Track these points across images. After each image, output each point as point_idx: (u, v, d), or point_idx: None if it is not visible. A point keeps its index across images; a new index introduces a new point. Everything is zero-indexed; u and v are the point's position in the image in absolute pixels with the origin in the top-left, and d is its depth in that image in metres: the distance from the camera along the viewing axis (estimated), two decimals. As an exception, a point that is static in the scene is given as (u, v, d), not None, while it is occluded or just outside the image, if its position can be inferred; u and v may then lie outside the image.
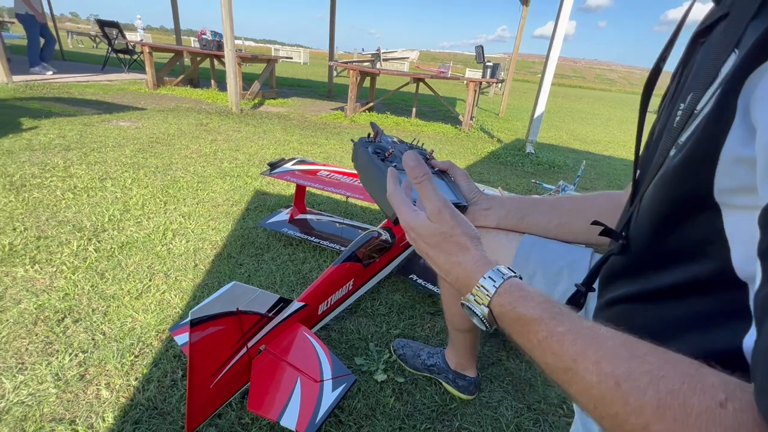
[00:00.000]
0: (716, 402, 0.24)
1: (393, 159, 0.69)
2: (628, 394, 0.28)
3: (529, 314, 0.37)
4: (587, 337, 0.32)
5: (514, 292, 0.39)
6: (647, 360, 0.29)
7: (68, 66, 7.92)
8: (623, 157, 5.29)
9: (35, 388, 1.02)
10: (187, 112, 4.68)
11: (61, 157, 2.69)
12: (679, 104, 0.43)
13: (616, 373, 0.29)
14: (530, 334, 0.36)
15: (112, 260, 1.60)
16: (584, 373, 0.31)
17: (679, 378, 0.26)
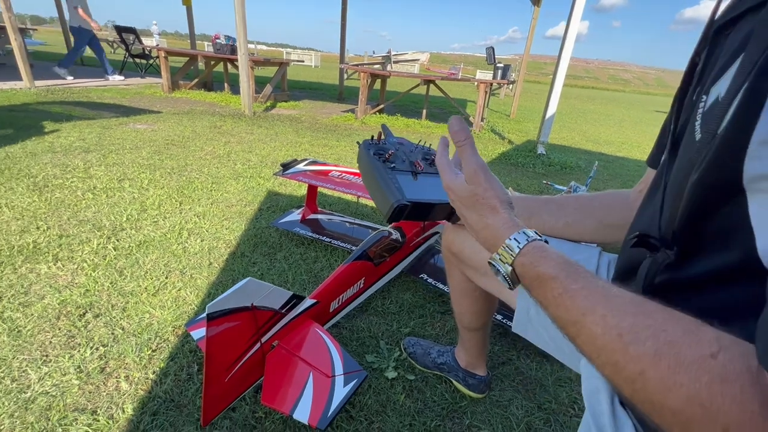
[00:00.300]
0: (708, 353, 0.26)
1: (393, 160, 0.70)
2: (629, 344, 0.30)
3: (548, 272, 0.39)
4: (599, 295, 0.35)
5: (536, 252, 0.42)
6: (652, 316, 0.31)
7: (88, 71, 8.15)
8: (637, 158, 5.21)
9: (59, 380, 1.06)
10: (202, 115, 4.78)
11: (81, 158, 2.77)
12: (702, 97, 0.43)
13: (620, 326, 0.31)
14: (547, 291, 0.39)
15: (130, 258, 1.65)
16: (591, 325, 0.33)
17: (678, 332, 0.28)
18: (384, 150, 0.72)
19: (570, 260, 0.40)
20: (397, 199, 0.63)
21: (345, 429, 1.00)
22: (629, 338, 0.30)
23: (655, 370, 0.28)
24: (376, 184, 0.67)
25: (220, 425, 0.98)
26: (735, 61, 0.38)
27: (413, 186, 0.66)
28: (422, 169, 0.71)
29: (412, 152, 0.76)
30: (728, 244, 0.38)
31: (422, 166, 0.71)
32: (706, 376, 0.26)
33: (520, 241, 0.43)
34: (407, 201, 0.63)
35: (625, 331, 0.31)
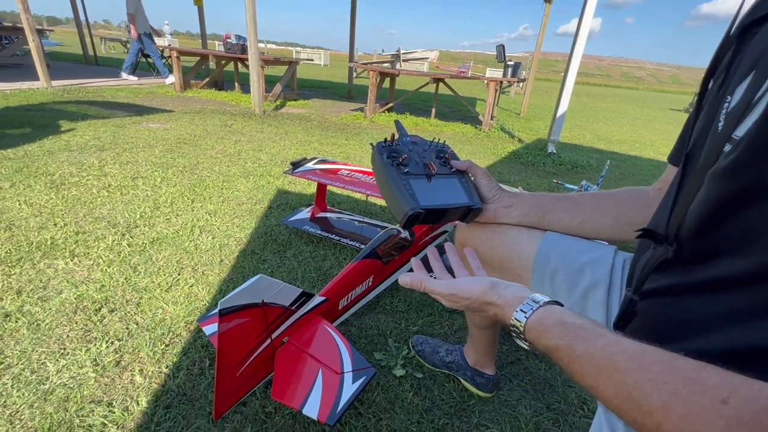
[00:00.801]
0: (719, 399, 0.27)
1: (407, 164, 0.71)
2: (639, 400, 0.31)
3: (551, 345, 0.42)
4: (600, 357, 0.36)
5: (538, 326, 0.45)
6: (651, 369, 0.32)
7: (102, 71, 8.30)
8: (650, 157, 5.12)
9: (76, 372, 1.09)
10: (213, 114, 4.83)
11: (96, 157, 2.83)
12: (727, 97, 0.43)
13: (626, 384, 0.32)
14: (557, 361, 0.41)
15: (143, 255, 1.68)
16: (604, 388, 0.35)
17: (680, 382, 0.29)
18: (397, 153, 0.72)
19: (569, 322, 0.42)
20: (412, 207, 0.64)
21: (353, 425, 1.01)
22: (636, 395, 0.31)
23: (669, 423, 0.29)
24: (390, 191, 0.68)
25: (231, 419, 1.00)
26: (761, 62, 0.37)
27: (427, 190, 0.67)
28: (436, 171, 0.71)
29: (426, 152, 0.76)
30: (747, 249, 0.37)
31: (436, 168, 0.71)
32: (722, 422, 0.26)
33: (520, 320, 0.46)
34: (421, 208, 0.64)
35: (632, 389, 0.32)
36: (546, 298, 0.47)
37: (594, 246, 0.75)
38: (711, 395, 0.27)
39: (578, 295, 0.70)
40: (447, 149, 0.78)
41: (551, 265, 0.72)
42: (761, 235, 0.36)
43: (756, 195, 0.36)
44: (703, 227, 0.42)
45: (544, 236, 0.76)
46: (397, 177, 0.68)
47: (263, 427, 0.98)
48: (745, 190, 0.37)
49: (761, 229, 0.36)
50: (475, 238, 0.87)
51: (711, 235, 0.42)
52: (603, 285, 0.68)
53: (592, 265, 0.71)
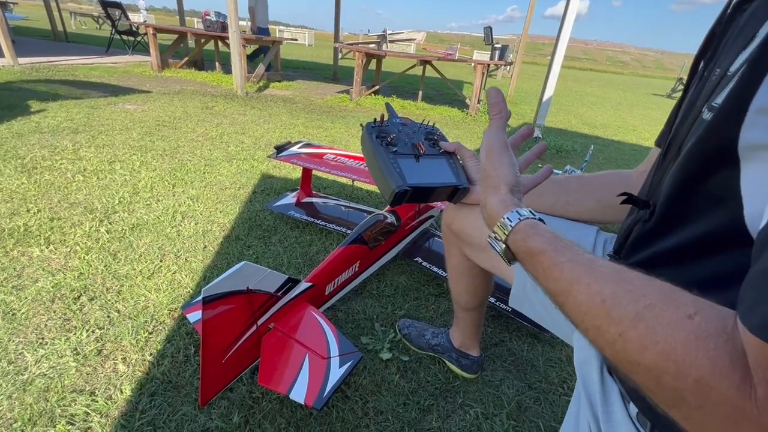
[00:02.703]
0: (685, 314, 0.28)
1: (396, 143, 0.70)
2: (611, 308, 0.32)
3: (537, 247, 0.41)
4: (584, 266, 0.37)
5: (528, 230, 0.44)
6: (633, 282, 0.33)
7: (72, 48, 7.88)
8: (633, 141, 5.21)
9: (56, 362, 1.07)
10: (193, 95, 4.67)
11: (69, 139, 2.71)
12: (715, 70, 0.43)
13: (602, 293, 0.33)
14: (537, 264, 0.41)
15: (123, 241, 1.64)
16: (576, 294, 0.35)
17: (657, 296, 0.31)
18: (386, 133, 0.72)
19: (559, 236, 0.42)
20: (399, 184, 0.64)
21: (341, 408, 1.03)
22: (611, 303, 0.32)
23: (634, 331, 0.30)
24: (378, 169, 0.68)
25: (217, 405, 1.00)
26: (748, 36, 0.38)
27: (415, 169, 0.67)
28: (424, 151, 0.71)
29: (415, 133, 0.76)
30: (715, 211, 0.39)
31: (424, 148, 0.71)
32: (682, 334, 0.28)
33: (512, 219, 0.45)
34: (408, 186, 0.64)
35: (607, 297, 0.33)
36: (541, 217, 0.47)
37: (577, 226, 0.77)
38: (681, 310, 0.29)
39: None
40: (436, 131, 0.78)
41: None
42: (727, 198, 0.37)
43: (723, 159, 0.37)
44: (676, 194, 0.44)
45: None
46: (385, 156, 0.67)
47: (251, 412, 0.99)
48: (715, 153, 0.38)
49: (727, 192, 0.37)
50: (462, 219, 0.88)
51: (688, 199, 0.43)
52: None
53: None
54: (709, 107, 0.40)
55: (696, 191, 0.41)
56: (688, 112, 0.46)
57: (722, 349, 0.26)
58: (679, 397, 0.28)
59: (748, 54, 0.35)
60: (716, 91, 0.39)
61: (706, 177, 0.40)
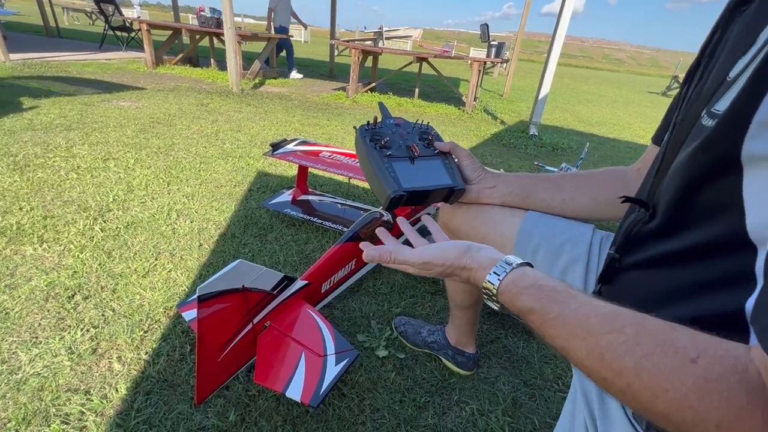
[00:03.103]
0: (688, 359, 0.28)
1: (390, 146, 0.70)
2: (611, 362, 0.32)
3: (525, 307, 0.42)
4: (574, 319, 0.37)
5: (512, 288, 0.44)
6: (624, 331, 0.33)
7: (65, 44, 7.79)
8: (628, 139, 5.24)
9: (50, 361, 1.06)
10: (188, 92, 4.63)
11: (63, 137, 2.68)
12: (714, 72, 0.43)
13: (600, 346, 0.33)
14: (530, 322, 0.41)
15: (118, 239, 1.63)
16: (576, 350, 0.35)
17: (653, 343, 0.30)
18: (380, 135, 0.71)
19: (543, 284, 0.42)
20: (394, 189, 0.64)
21: (337, 406, 1.03)
22: (610, 357, 0.32)
23: (639, 382, 0.30)
24: (373, 174, 0.67)
25: (214, 404, 1.00)
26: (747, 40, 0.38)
27: (410, 172, 0.67)
28: (419, 153, 0.71)
29: (410, 133, 0.75)
30: (718, 218, 0.39)
31: (419, 150, 0.71)
32: (690, 379, 0.27)
33: (493, 281, 0.46)
34: (403, 190, 0.64)
35: (605, 351, 0.33)
36: (519, 260, 0.47)
37: (573, 225, 0.77)
38: (681, 355, 0.29)
39: (558, 272, 0.72)
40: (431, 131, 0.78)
41: (533, 242, 0.74)
42: (729, 205, 0.37)
43: (726, 167, 0.37)
44: (678, 199, 0.44)
45: (526, 215, 0.77)
46: (379, 160, 0.67)
47: (247, 411, 0.99)
48: (718, 161, 0.38)
49: (729, 200, 0.37)
50: (459, 218, 0.88)
51: (684, 207, 0.43)
52: (581, 261, 0.70)
53: (571, 242, 0.72)
54: (710, 113, 0.40)
55: (698, 197, 0.41)
56: (687, 114, 0.46)
57: (736, 389, 0.26)
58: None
59: (748, 59, 0.35)
60: (716, 96, 0.39)
61: (709, 184, 0.40)
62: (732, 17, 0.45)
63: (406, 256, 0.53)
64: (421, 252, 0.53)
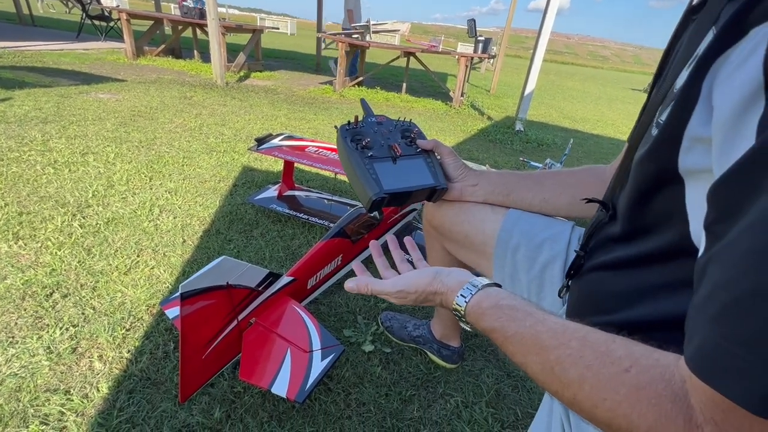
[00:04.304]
0: (622, 368, 0.30)
1: (371, 146, 0.70)
2: (560, 375, 0.34)
3: (488, 327, 0.44)
4: (528, 337, 0.39)
5: (475, 312, 0.46)
6: (570, 345, 0.35)
7: (40, 33, 7.49)
8: (611, 135, 5.34)
9: (27, 361, 1.03)
10: (170, 85, 4.52)
11: (38, 130, 2.59)
12: (665, 82, 0.45)
13: (549, 360, 0.35)
14: (494, 341, 0.44)
15: (98, 236, 1.59)
16: (532, 365, 0.38)
17: (593, 355, 0.32)
18: (361, 135, 0.71)
19: (503, 304, 0.44)
20: (375, 192, 0.64)
21: (323, 401, 1.04)
22: (558, 370, 0.34)
23: (582, 393, 0.32)
24: (355, 176, 0.67)
25: (198, 401, 0.99)
26: (690, 51, 0.39)
27: (392, 173, 0.67)
28: (400, 153, 0.70)
29: (392, 132, 0.75)
30: (669, 225, 0.41)
31: (400, 150, 0.71)
32: (623, 389, 0.29)
33: (461, 304, 0.48)
34: (385, 193, 0.64)
35: (554, 364, 0.35)
36: (485, 281, 0.49)
37: (553, 222, 0.79)
38: (617, 365, 0.31)
39: (537, 269, 0.73)
40: (413, 128, 0.77)
41: (513, 241, 0.75)
42: (677, 213, 0.39)
43: (669, 178, 0.39)
44: (635, 205, 0.46)
45: (507, 213, 0.78)
46: (360, 161, 0.67)
47: (232, 407, 0.99)
48: (662, 171, 0.40)
49: (673, 210, 0.39)
50: (442, 216, 0.89)
51: (642, 213, 0.45)
52: (560, 258, 0.72)
53: (550, 240, 0.74)
54: (657, 123, 0.41)
55: (650, 204, 0.43)
56: (643, 120, 0.48)
57: (663, 396, 0.27)
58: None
59: (688, 71, 0.37)
60: (663, 106, 0.41)
61: (657, 192, 0.42)
62: (686, 24, 0.46)
63: (382, 287, 0.56)
64: (394, 282, 0.55)
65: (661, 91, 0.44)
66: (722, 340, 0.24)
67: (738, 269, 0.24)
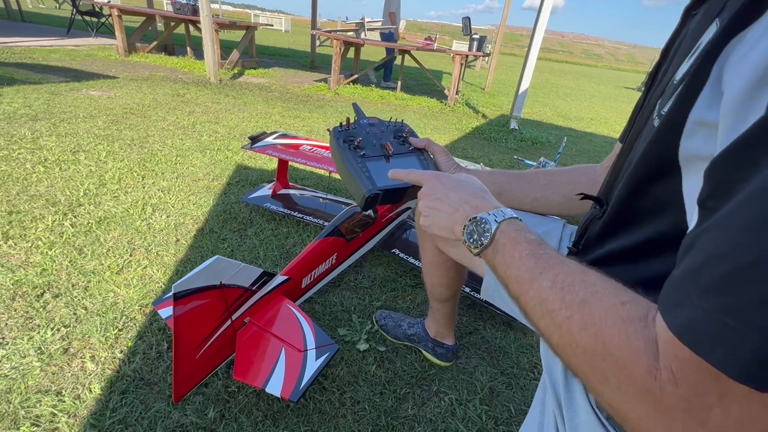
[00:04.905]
0: (620, 301, 0.32)
1: (364, 145, 0.70)
2: (566, 293, 0.36)
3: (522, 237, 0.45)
4: (556, 259, 0.41)
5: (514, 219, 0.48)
6: (588, 274, 0.37)
7: (29, 28, 7.38)
8: (605, 134, 5.38)
9: (18, 362, 1.02)
10: (163, 82, 4.48)
11: (28, 127, 2.56)
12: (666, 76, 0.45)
13: (564, 281, 0.37)
14: (515, 251, 0.44)
15: (90, 235, 1.57)
16: (543, 281, 0.39)
17: (604, 285, 0.35)
18: (353, 136, 0.71)
19: (515, 244, 0.45)
20: (369, 189, 0.64)
21: (318, 400, 1.04)
22: (568, 289, 0.36)
23: (580, 314, 0.33)
24: (348, 175, 0.67)
25: (192, 401, 0.98)
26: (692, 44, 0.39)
27: (385, 171, 0.67)
28: (393, 152, 0.70)
29: (384, 132, 0.75)
30: (662, 216, 0.41)
31: (393, 149, 0.71)
32: (612, 318, 0.31)
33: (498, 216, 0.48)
34: (378, 190, 0.64)
35: (567, 285, 0.36)
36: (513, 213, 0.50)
37: (545, 220, 0.79)
38: (617, 297, 0.33)
39: None
40: (405, 128, 0.78)
41: None
42: (672, 204, 0.40)
43: (668, 168, 0.39)
44: (630, 195, 0.47)
45: None
46: (353, 161, 0.67)
47: (226, 407, 0.98)
48: (661, 162, 0.40)
49: (672, 198, 0.40)
50: None
51: (637, 203, 0.46)
52: None
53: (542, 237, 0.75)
54: (659, 115, 0.42)
55: (645, 195, 0.44)
56: (643, 115, 0.49)
57: (640, 333, 0.29)
58: (605, 378, 0.31)
59: (690, 62, 0.37)
60: (664, 98, 0.41)
61: (654, 182, 0.42)
62: (685, 21, 0.47)
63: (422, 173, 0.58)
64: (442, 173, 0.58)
65: (660, 86, 0.44)
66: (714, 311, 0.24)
67: (735, 241, 0.24)
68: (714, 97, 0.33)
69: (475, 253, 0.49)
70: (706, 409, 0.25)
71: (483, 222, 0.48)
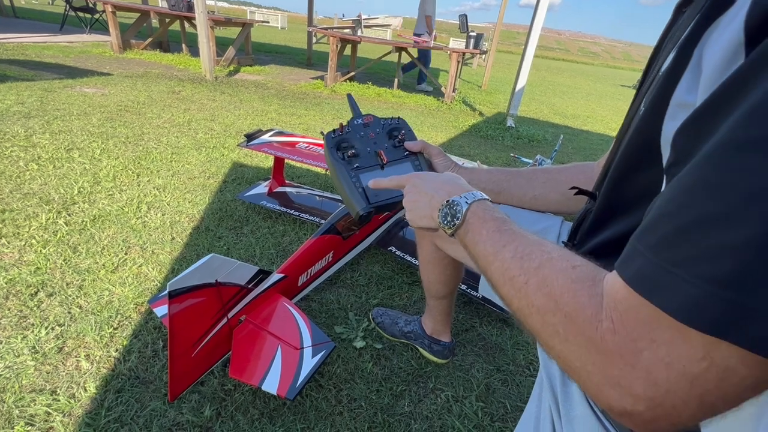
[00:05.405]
0: (572, 265, 0.36)
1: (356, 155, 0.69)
2: (524, 262, 0.39)
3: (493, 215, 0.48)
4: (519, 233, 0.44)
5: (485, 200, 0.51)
6: (546, 245, 0.40)
7: (21, 24, 7.29)
8: (601, 131, 5.39)
9: (12, 361, 1.02)
10: (158, 79, 4.44)
11: (21, 125, 2.53)
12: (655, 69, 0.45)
13: (524, 252, 0.40)
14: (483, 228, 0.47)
15: (84, 234, 1.56)
16: (506, 252, 0.42)
17: (559, 253, 0.38)
18: (347, 143, 0.70)
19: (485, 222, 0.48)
20: (362, 207, 0.64)
21: (314, 397, 1.04)
22: (526, 258, 0.39)
23: (536, 278, 0.37)
24: (342, 188, 0.67)
25: (188, 399, 0.98)
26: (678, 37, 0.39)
27: None
28: (387, 161, 0.70)
29: (378, 134, 0.74)
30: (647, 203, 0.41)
31: (387, 157, 0.70)
32: (563, 278, 0.34)
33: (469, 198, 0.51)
34: (371, 207, 0.64)
35: (525, 254, 0.40)
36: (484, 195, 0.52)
37: (543, 218, 0.79)
38: (569, 262, 0.36)
39: None
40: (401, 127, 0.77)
41: None
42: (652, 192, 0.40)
43: (651, 153, 0.40)
44: (616, 185, 0.48)
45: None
46: (347, 174, 0.67)
47: (222, 405, 0.98)
48: (645, 146, 0.41)
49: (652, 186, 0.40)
50: None
51: (622, 193, 0.47)
52: None
53: (540, 234, 0.75)
54: (644, 104, 0.42)
55: (631, 184, 0.45)
56: (633, 109, 0.49)
57: (586, 290, 0.32)
58: (555, 332, 0.34)
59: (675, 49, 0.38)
60: (651, 89, 0.42)
61: (638, 170, 0.43)
62: (676, 18, 0.47)
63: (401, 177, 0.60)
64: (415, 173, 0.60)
65: (648, 80, 0.45)
66: (662, 262, 0.27)
67: (680, 202, 0.27)
68: (694, 80, 0.34)
69: (449, 233, 0.51)
70: (638, 352, 0.28)
71: (455, 204, 0.50)
